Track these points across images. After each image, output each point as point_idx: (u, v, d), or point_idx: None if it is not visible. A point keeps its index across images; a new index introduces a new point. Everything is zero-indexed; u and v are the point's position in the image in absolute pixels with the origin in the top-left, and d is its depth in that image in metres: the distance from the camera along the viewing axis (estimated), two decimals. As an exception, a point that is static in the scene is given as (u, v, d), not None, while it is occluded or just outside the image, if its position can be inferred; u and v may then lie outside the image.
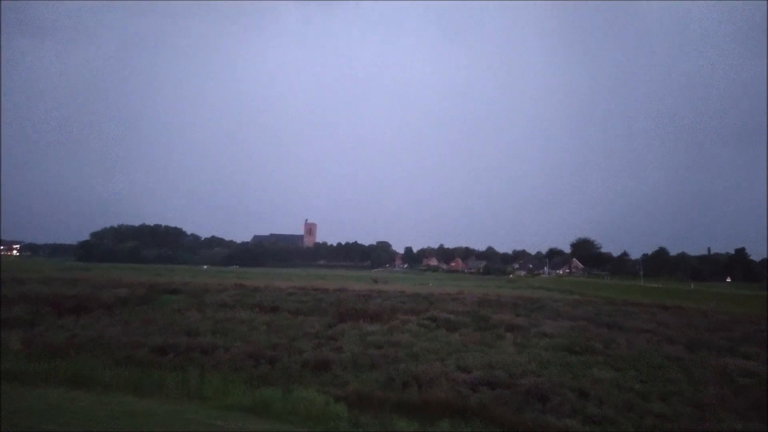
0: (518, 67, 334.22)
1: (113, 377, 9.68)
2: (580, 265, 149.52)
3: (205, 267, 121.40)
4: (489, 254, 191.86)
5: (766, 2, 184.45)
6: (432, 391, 9.32)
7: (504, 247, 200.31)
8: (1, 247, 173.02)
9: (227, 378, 9.85)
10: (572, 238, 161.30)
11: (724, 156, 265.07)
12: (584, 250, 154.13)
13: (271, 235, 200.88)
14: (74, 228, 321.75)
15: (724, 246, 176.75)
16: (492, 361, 12.16)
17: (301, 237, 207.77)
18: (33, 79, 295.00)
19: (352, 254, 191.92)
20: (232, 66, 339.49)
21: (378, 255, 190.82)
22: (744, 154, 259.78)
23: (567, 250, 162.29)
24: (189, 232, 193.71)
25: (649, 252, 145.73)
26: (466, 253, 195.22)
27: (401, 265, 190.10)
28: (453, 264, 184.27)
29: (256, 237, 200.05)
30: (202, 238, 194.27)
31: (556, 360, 12.93)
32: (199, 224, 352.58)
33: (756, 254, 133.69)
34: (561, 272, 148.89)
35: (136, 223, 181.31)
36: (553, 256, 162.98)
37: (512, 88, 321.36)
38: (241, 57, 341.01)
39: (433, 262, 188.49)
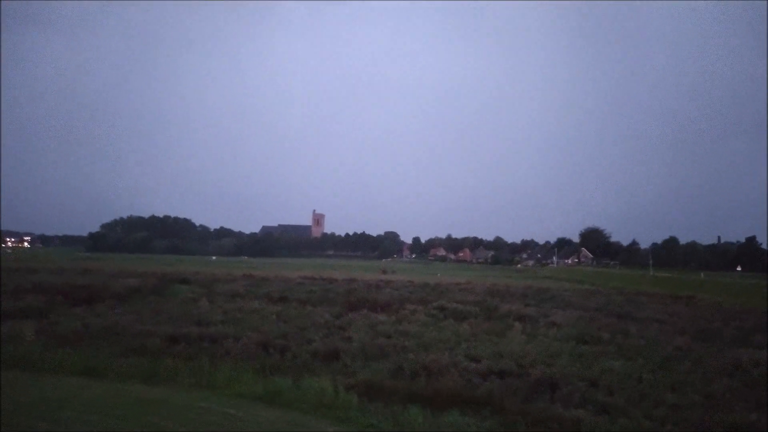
0: (525, 59, 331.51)
1: (125, 366, 9.78)
2: (589, 255, 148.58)
3: (213, 258, 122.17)
4: (497, 244, 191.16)
5: (766, 2, 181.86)
6: (441, 381, 9.33)
7: (512, 236, 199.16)
8: (13, 239, 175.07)
9: (238, 367, 9.92)
10: (581, 227, 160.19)
11: (734, 146, 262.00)
12: (593, 239, 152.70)
13: (280, 225, 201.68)
14: (85, 219, 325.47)
15: (735, 234, 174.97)
16: (501, 351, 12.15)
17: (309, 228, 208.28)
18: (41, 73, 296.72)
19: (360, 244, 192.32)
20: (238, 60, 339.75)
21: (386, 245, 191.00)
22: (754, 143, 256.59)
23: (576, 239, 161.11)
24: (198, 223, 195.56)
25: (659, 241, 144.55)
26: (475, 243, 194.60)
27: (409, 256, 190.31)
28: (461, 254, 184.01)
29: (264, 228, 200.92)
30: (211, 229, 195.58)
31: (565, 350, 12.89)
32: (208, 215, 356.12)
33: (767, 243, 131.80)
34: (569, 262, 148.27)
35: (146, 214, 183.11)
36: (562, 245, 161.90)
37: (520, 79, 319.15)
38: (247, 51, 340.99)
39: (441, 252, 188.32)
